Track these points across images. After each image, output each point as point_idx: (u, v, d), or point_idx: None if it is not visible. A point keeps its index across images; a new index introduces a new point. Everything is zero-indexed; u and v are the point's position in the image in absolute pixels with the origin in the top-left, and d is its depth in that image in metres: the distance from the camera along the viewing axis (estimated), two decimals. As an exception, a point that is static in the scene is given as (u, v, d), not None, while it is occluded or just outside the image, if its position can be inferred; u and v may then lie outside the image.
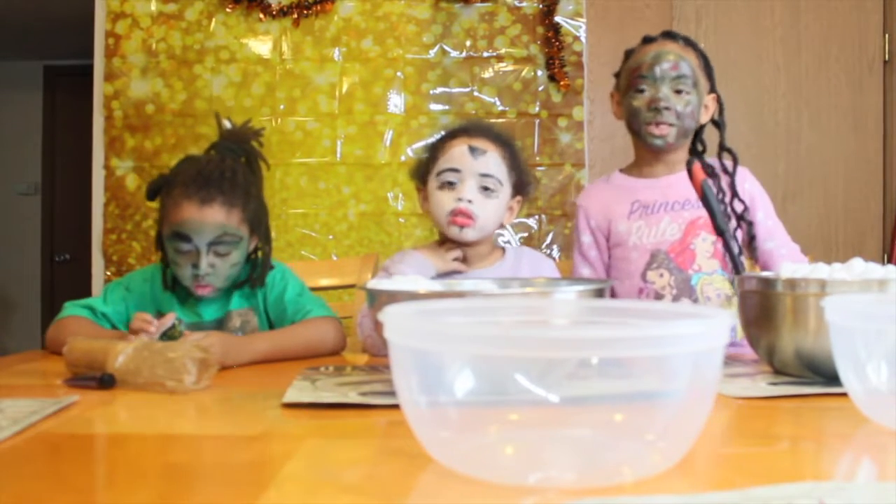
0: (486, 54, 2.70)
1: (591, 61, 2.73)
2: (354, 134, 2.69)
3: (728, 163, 1.55)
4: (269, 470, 0.63)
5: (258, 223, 1.43)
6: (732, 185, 1.52)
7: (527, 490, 0.55)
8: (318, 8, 2.68)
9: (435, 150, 1.42)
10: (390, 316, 0.60)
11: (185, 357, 0.97)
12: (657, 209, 1.52)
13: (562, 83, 2.66)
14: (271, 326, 1.46)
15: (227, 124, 1.50)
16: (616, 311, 0.69)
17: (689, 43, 1.52)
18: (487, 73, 2.70)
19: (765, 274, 1.11)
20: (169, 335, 1.22)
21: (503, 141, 1.42)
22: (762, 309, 1.04)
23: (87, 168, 2.76)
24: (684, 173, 1.50)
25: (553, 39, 2.67)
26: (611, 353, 0.53)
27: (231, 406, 0.92)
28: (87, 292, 2.71)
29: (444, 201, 1.37)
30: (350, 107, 2.70)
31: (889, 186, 2.78)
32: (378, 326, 0.63)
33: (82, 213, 3.08)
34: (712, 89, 1.54)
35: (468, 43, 2.70)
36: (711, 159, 1.56)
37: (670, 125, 1.47)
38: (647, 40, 1.52)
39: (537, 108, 2.69)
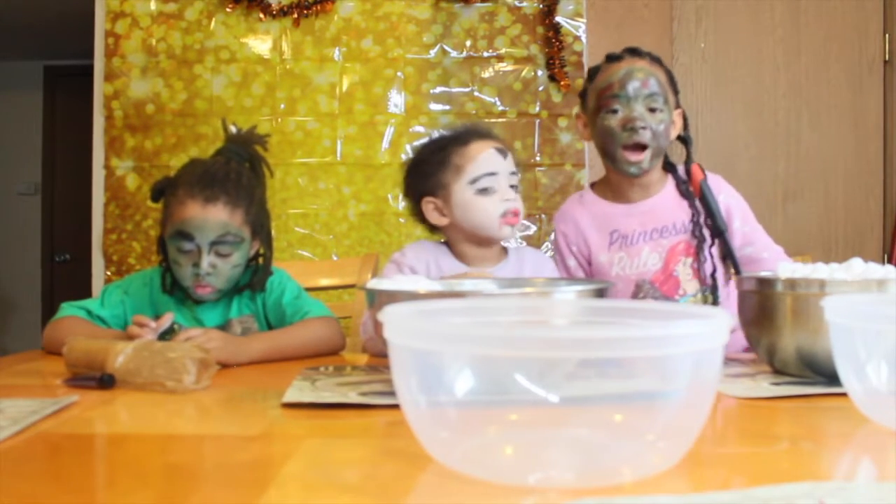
0: (486, 54, 2.70)
1: (592, 61, 2.72)
2: (354, 134, 2.69)
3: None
4: (269, 470, 0.63)
5: (260, 227, 1.44)
6: (704, 201, 1.52)
7: (527, 490, 0.55)
8: (318, 8, 2.68)
9: (448, 160, 1.39)
10: (390, 316, 0.60)
11: (185, 357, 0.97)
12: (636, 240, 1.51)
13: (562, 83, 2.66)
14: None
15: (232, 129, 1.51)
16: (616, 311, 0.69)
17: (655, 59, 1.49)
18: (487, 73, 2.70)
19: (764, 274, 1.11)
20: (167, 338, 1.22)
21: (505, 141, 1.45)
22: (762, 309, 1.04)
23: (87, 168, 2.76)
24: (659, 196, 1.53)
25: (553, 39, 2.66)
26: (611, 353, 0.53)
27: (231, 406, 0.92)
28: (87, 292, 2.71)
29: (491, 206, 1.36)
30: (350, 107, 2.70)
31: (889, 186, 2.78)
32: (378, 326, 0.63)
33: (82, 213, 3.07)
34: (678, 104, 1.52)
35: (468, 43, 2.70)
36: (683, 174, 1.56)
37: (646, 148, 1.44)
38: (612, 58, 1.49)
39: (537, 108, 2.69)
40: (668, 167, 1.56)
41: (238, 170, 1.42)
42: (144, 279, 1.48)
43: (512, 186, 1.39)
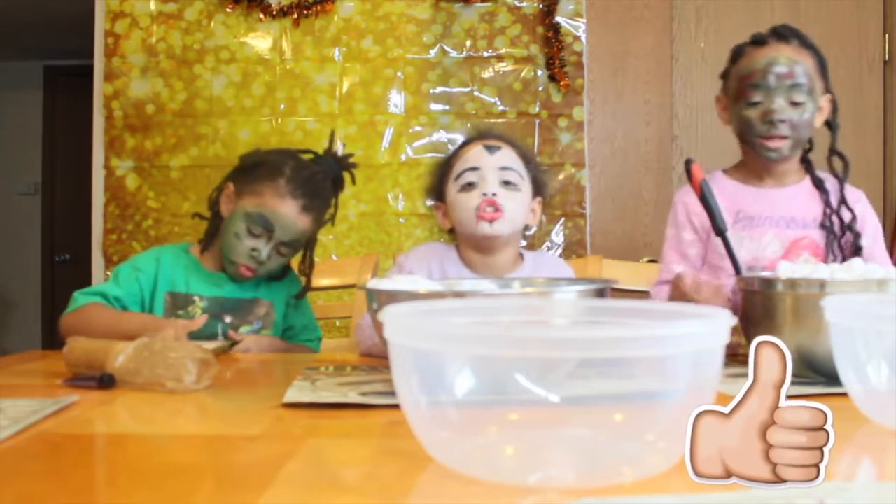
0: (486, 54, 2.70)
1: (591, 61, 2.72)
2: (354, 134, 2.69)
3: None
4: (269, 470, 0.63)
5: (314, 241, 1.55)
6: (841, 191, 1.45)
7: (527, 490, 0.55)
8: (318, 8, 2.68)
9: (449, 161, 1.42)
10: (390, 316, 0.60)
11: (185, 357, 0.97)
12: (762, 222, 1.45)
13: (562, 83, 2.66)
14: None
15: (339, 146, 1.63)
16: (616, 311, 0.69)
17: (804, 43, 1.42)
18: (487, 73, 2.70)
19: (765, 274, 1.11)
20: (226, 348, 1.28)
21: (515, 143, 1.43)
22: (763, 309, 1.04)
23: (87, 168, 2.76)
24: (792, 188, 1.46)
25: (553, 39, 2.66)
26: (611, 353, 0.53)
27: (231, 406, 0.92)
28: (87, 292, 2.71)
29: (469, 200, 1.35)
30: (350, 107, 2.69)
31: (889, 186, 2.78)
32: (378, 326, 0.63)
33: (82, 213, 3.07)
34: (827, 89, 1.45)
35: (468, 43, 2.70)
36: (823, 174, 1.48)
37: (785, 137, 1.39)
38: (758, 41, 1.42)
39: (537, 108, 2.69)
40: (805, 163, 1.49)
41: (330, 190, 1.53)
42: (151, 256, 1.52)
43: (505, 183, 1.35)
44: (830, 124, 1.47)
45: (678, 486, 0.56)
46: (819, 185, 1.46)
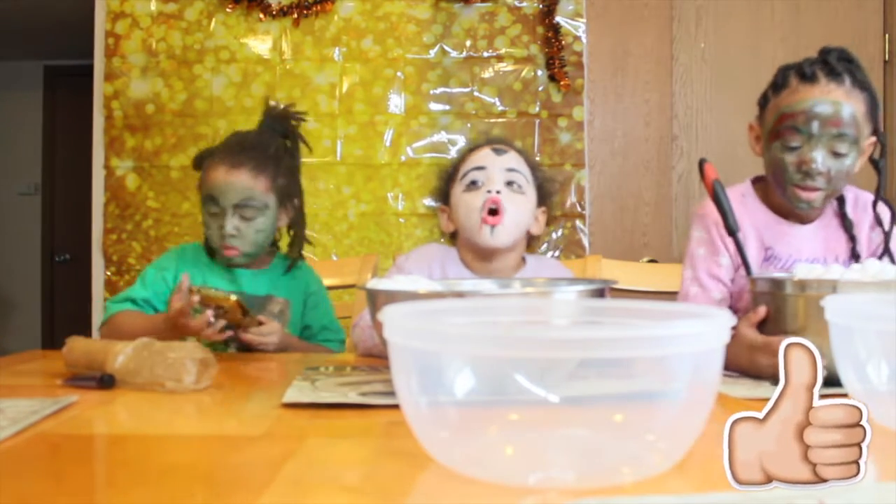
0: (486, 54, 2.70)
1: (591, 61, 2.72)
2: (354, 134, 2.69)
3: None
4: (269, 470, 0.63)
5: (288, 197, 1.51)
6: (886, 243, 1.32)
7: (527, 490, 0.55)
8: (318, 8, 2.68)
9: (457, 164, 1.42)
10: (390, 316, 0.60)
11: (185, 357, 0.97)
12: (790, 266, 1.34)
13: (562, 83, 2.66)
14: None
15: (272, 104, 1.58)
16: (616, 311, 0.69)
17: (857, 82, 1.26)
18: (487, 73, 2.70)
19: (776, 275, 1.11)
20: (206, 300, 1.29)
21: (524, 151, 1.45)
22: (773, 310, 1.03)
23: (87, 168, 2.76)
24: (820, 222, 1.37)
25: (553, 39, 2.66)
26: (611, 353, 0.53)
27: (231, 406, 0.92)
28: (86, 292, 2.71)
29: (473, 199, 1.34)
30: (350, 107, 2.69)
31: (890, 187, 2.78)
32: (378, 326, 0.63)
33: (82, 213, 3.07)
34: (874, 130, 1.30)
35: (468, 43, 2.70)
36: (852, 193, 1.39)
37: (819, 189, 1.27)
38: (806, 77, 1.27)
39: (537, 108, 2.69)
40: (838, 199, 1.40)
41: (268, 139, 1.50)
42: (173, 254, 1.56)
43: (510, 183, 1.35)
44: (876, 164, 1.34)
45: (678, 486, 0.56)
46: (845, 225, 1.36)
